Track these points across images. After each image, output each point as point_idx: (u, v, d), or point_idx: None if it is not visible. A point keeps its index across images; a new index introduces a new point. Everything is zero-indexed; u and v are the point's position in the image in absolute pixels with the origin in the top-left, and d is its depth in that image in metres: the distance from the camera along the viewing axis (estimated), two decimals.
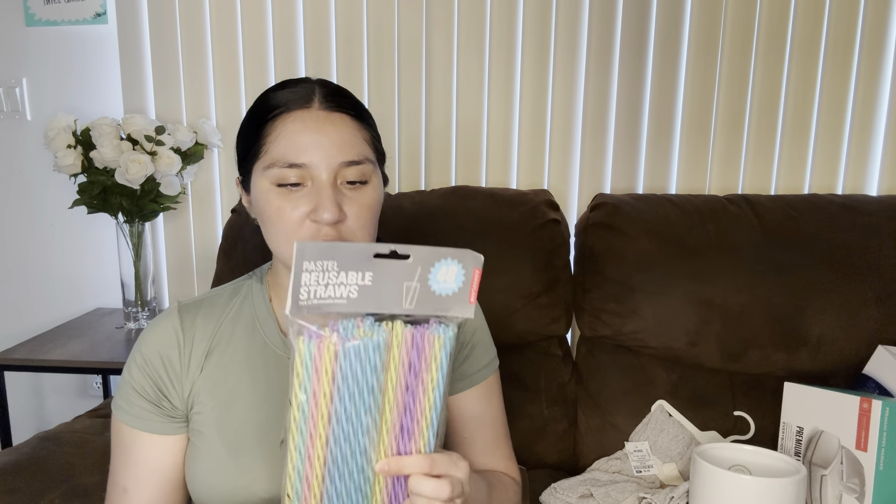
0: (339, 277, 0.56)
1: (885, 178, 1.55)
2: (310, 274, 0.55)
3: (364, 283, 0.57)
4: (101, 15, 1.72)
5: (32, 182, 1.83)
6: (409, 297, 0.59)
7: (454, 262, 0.59)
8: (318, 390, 0.57)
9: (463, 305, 0.60)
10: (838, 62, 1.52)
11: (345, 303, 0.57)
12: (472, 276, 0.60)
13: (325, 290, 0.56)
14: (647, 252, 1.30)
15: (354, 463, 0.60)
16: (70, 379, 1.91)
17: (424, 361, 0.60)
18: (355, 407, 0.58)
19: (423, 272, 0.58)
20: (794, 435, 1.11)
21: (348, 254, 0.56)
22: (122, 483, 0.80)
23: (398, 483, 0.62)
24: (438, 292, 0.59)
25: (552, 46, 1.59)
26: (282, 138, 0.73)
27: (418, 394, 0.60)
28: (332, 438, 0.59)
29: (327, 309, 0.57)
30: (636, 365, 1.32)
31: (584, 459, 1.30)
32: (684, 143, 1.59)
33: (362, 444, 0.60)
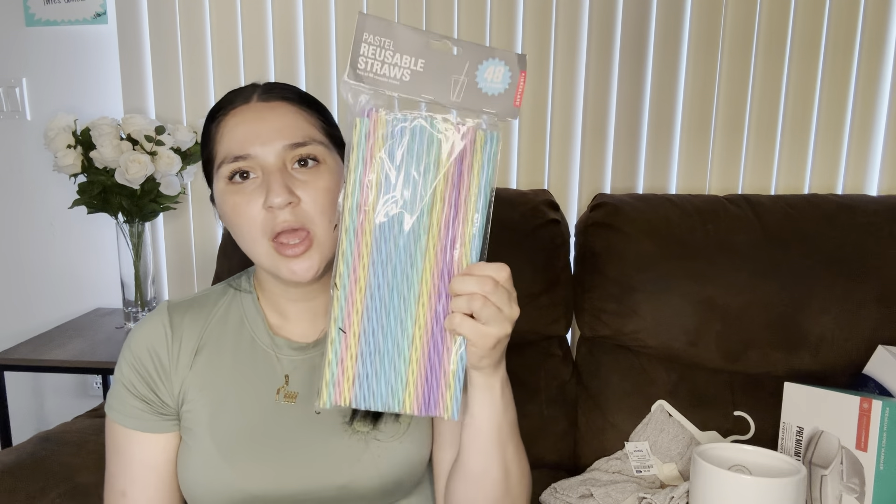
0: (395, 58, 0.60)
1: (885, 178, 1.55)
2: (368, 46, 0.59)
3: (416, 69, 0.60)
4: (101, 15, 1.72)
5: (32, 182, 1.83)
6: (456, 90, 0.61)
7: (501, 63, 0.61)
8: (370, 165, 0.60)
9: (508, 107, 0.62)
10: (838, 62, 1.52)
11: (398, 84, 0.60)
12: (518, 79, 0.61)
13: (381, 67, 0.59)
14: (647, 252, 1.30)
15: (398, 260, 0.62)
16: (70, 379, 1.91)
17: (466, 163, 0.61)
18: (405, 187, 0.61)
19: (471, 68, 0.61)
20: (794, 435, 1.11)
21: (404, 36, 0.60)
22: (119, 486, 0.80)
23: (439, 300, 0.63)
24: (485, 90, 0.61)
25: (552, 46, 1.59)
26: (226, 135, 0.74)
27: (463, 198, 0.62)
28: (379, 227, 0.61)
29: (381, 87, 0.60)
30: (636, 365, 1.32)
31: (584, 459, 1.30)
32: (684, 143, 1.59)
33: (407, 241, 0.61)
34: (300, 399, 0.79)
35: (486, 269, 0.61)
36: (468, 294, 0.60)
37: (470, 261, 0.62)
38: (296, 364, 0.80)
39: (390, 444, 0.78)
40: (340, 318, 0.61)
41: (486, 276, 0.60)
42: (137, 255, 1.66)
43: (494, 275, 0.61)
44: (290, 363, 0.80)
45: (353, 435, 0.77)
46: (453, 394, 0.62)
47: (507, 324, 0.62)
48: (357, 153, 0.60)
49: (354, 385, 0.62)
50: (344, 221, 0.61)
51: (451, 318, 0.61)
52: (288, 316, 0.81)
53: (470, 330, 0.60)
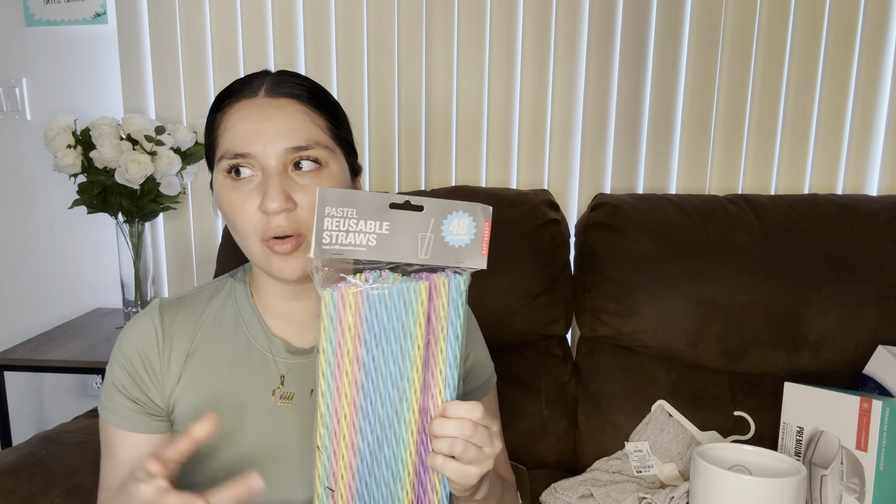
0: (359, 225, 0.59)
1: (885, 178, 1.55)
2: (332, 219, 0.59)
3: (382, 232, 0.60)
4: (101, 15, 1.72)
5: (32, 182, 1.83)
6: (424, 248, 0.61)
7: (465, 215, 0.62)
8: (343, 342, 0.60)
9: (475, 257, 0.63)
10: (838, 62, 1.52)
11: (364, 250, 0.60)
12: (483, 228, 0.63)
13: (346, 236, 0.59)
14: (647, 252, 1.30)
15: (385, 414, 0.62)
16: (70, 379, 1.91)
17: (434, 311, 0.62)
18: (383, 355, 0.61)
19: (437, 223, 0.61)
20: (795, 435, 1.11)
21: (366, 203, 0.60)
22: (109, 483, 0.79)
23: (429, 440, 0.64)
24: (452, 243, 0.62)
25: (552, 46, 1.59)
26: (228, 129, 0.72)
27: (433, 346, 0.62)
28: (361, 389, 0.61)
29: (348, 255, 0.60)
30: (636, 365, 1.32)
31: (584, 459, 1.30)
32: (684, 143, 1.59)
33: (392, 396, 0.61)
34: (297, 400, 0.78)
35: (460, 411, 0.61)
36: (449, 437, 0.60)
37: (444, 399, 0.63)
38: (291, 366, 0.79)
39: None
40: (325, 478, 0.61)
41: (463, 420, 0.60)
42: (137, 255, 1.66)
43: (470, 416, 0.61)
44: (285, 365, 0.79)
45: None
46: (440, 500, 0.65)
47: (489, 461, 0.62)
48: (328, 326, 0.59)
49: None
50: (319, 385, 0.60)
51: (433, 458, 0.61)
52: (282, 316, 0.80)
53: (453, 471, 0.61)
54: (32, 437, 1.17)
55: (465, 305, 0.63)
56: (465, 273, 0.63)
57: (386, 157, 1.67)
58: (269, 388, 0.78)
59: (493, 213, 0.63)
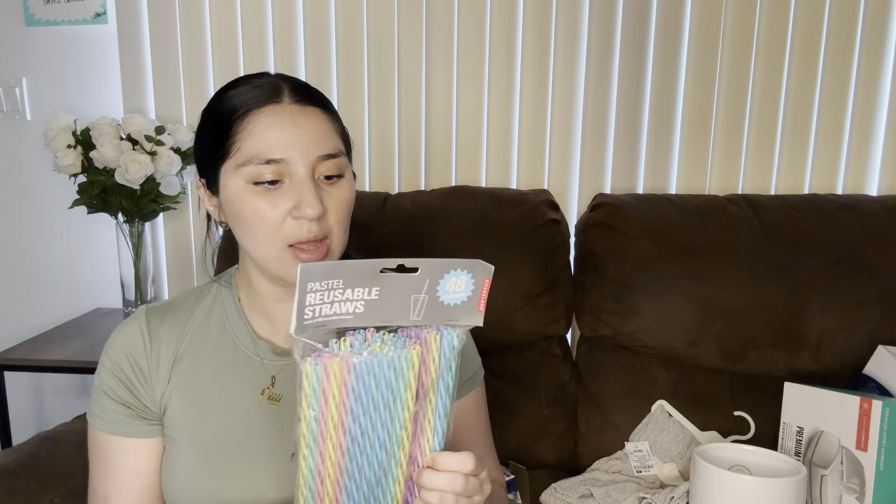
0: (346, 294, 0.55)
1: (885, 177, 1.55)
2: (315, 294, 0.54)
3: (371, 298, 0.56)
4: (101, 15, 1.72)
5: (32, 182, 1.83)
6: (416, 309, 0.58)
7: (464, 273, 0.58)
8: (327, 411, 0.56)
9: (471, 314, 0.60)
10: (838, 62, 1.52)
11: (351, 318, 0.56)
12: (482, 285, 0.59)
13: (331, 307, 0.55)
14: (647, 252, 1.30)
15: (372, 474, 0.59)
16: (70, 379, 1.91)
17: (425, 367, 0.58)
18: (371, 422, 0.58)
19: (432, 284, 0.57)
20: (795, 435, 1.11)
21: (354, 271, 0.55)
22: (102, 491, 0.79)
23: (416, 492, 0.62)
24: (447, 302, 0.58)
25: (552, 46, 1.59)
26: (255, 134, 0.71)
27: (422, 399, 0.59)
28: (347, 453, 0.58)
29: (333, 325, 0.56)
30: (636, 365, 1.32)
31: (584, 459, 1.30)
32: (684, 143, 1.59)
33: (379, 457, 0.59)
34: (284, 402, 0.78)
35: (451, 463, 0.59)
36: (440, 491, 0.59)
37: (433, 448, 0.60)
38: (279, 367, 0.79)
39: None
40: None
41: (454, 473, 0.59)
42: (137, 255, 1.66)
43: (462, 469, 0.59)
44: (274, 366, 0.79)
45: None
46: None
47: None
48: (311, 397, 0.55)
49: None
50: (301, 451, 0.56)
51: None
52: (271, 318, 0.80)
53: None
54: (32, 437, 1.17)
55: (458, 360, 0.59)
56: (457, 329, 0.59)
57: (386, 157, 1.67)
58: (256, 390, 0.78)
59: (493, 218, 0.61)
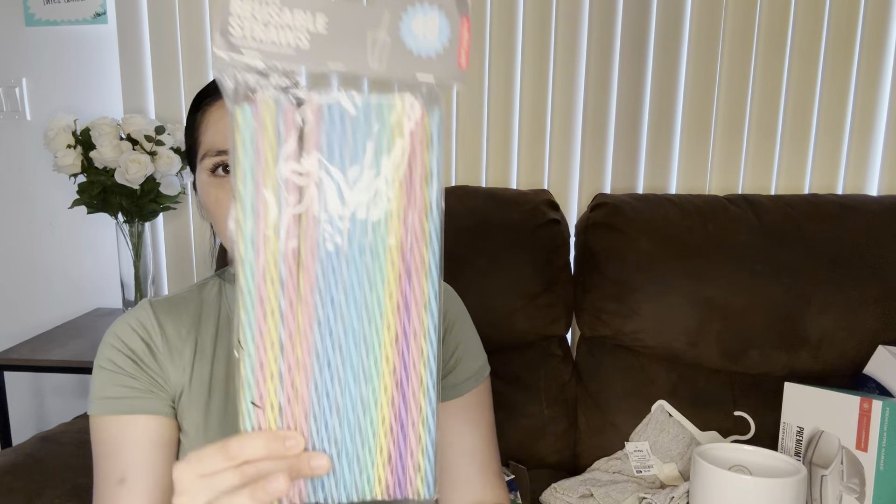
0: (283, 16, 0.43)
1: (885, 178, 1.55)
2: (242, 2, 0.42)
3: (317, 31, 0.43)
4: (101, 15, 1.72)
5: (32, 182, 1.83)
6: (376, 54, 0.44)
7: (433, 10, 0.45)
8: (266, 171, 0.42)
9: (452, 69, 0.45)
10: (839, 62, 1.52)
11: (293, 53, 0.43)
12: (461, 28, 0.46)
13: (266, 31, 0.42)
14: (647, 252, 1.30)
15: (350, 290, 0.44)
16: (70, 379, 1.91)
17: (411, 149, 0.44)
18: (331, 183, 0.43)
19: (393, 20, 0.44)
20: (795, 435, 1.11)
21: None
22: (116, 475, 0.71)
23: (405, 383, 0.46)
24: (417, 51, 0.45)
25: (552, 46, 1.59)
26: (210, 126, 0.72)
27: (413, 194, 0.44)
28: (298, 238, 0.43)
29: (270, 58, 0.43)
30: (636, 365, 1.32)
31: (584, 459, 1.30)
32: (684, 143, 1.59)
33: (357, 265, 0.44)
34: None
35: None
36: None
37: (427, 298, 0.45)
38: None
39: None
40: (250, 393, 0.44)
41: None
42: (137, 255, 1.66)
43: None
44: None
45: None
46: (423, 475, 0.46)
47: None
48: (244, 159, 0.42)
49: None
50: (239, 253, 0.43)
51: None
52: None
53: None
54: (32, 437, 1.17)
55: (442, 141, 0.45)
56: (438, 100, 0.45)
57: None
58: None
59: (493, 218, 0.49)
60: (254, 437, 0.43)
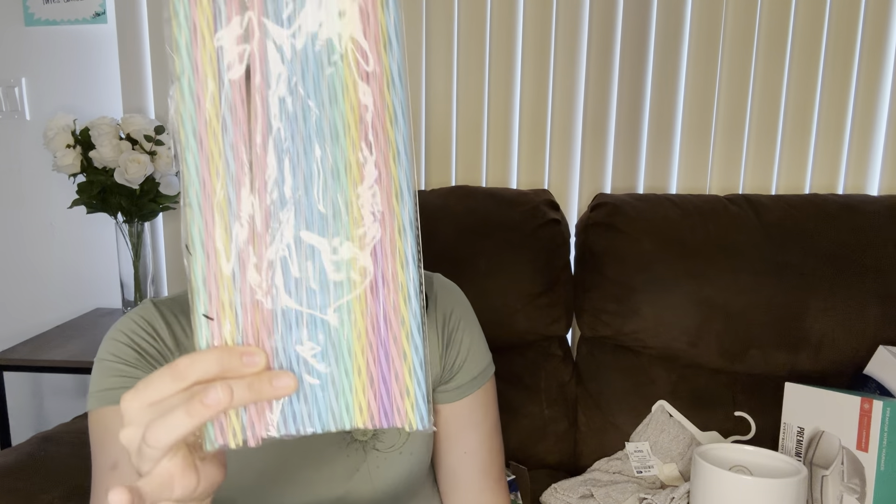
0: None
1: (885, 177, 1.55)
2: None
3: None
4: (101, 14, 1.72)
5: (31, 182, 1.82)
6: None
7: None
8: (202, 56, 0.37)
9: None
10: (839, 62, 1.52)
11: None
12: None
13: None
14: (648, 252, 1.30)
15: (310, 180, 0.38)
16: (69, 379, 1.91)
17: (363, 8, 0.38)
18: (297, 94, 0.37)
19: None
20: (795, 435, 1.11)
21: None
22: (109, 461, 0.68)
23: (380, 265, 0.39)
24: None
25: (552, 46, 1.59)
26: None
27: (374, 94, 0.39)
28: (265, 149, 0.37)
29: None
30: (636, 365, 1.32)
31: (584, 460, 1.30)
32: (685, 143, 1.59)
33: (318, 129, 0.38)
34: None
35: None
36: None
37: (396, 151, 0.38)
38: None
39: (390, 455, 0.75)
40: (201, 303, 0.38)
41: None
42: (137, 255, 1.65)
43: None
44: None
45: (352, 444, 0.74)
46: (413, 401, 0.39)
47: None
48: (179, 35, 0.37)
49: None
50: (180, 142, 0.37)
51: None
52: None
53: None
54: (32, 438, 1.17)
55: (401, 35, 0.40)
56: None
57: None
58: None
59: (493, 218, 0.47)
60: (205, 354, 0.37)
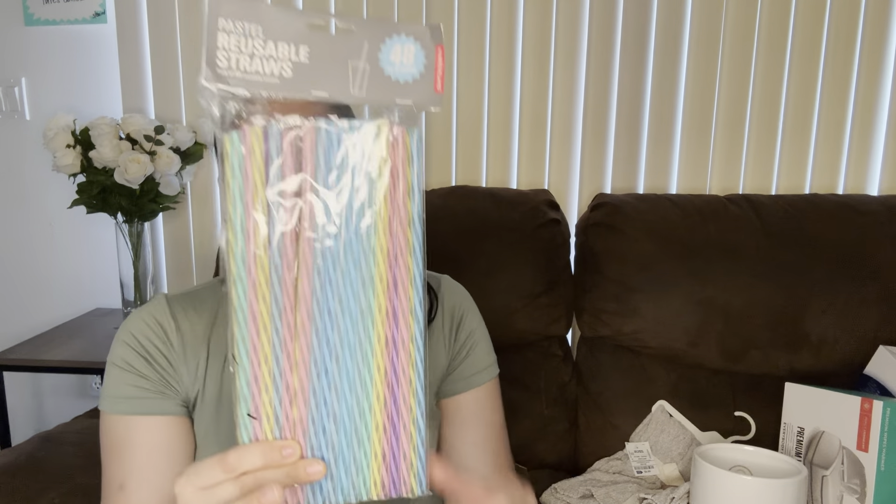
0: (267, 48, 0.45)
1: (885, 177, 1.55)
2: (228, 35, 0.44)
3: (299, 60, 0.46)
4: (101, 14, 1.72)
5: (31, 182, 1.82)
6: (357, 81, 0.47)
7: (410, 40, 0.48)
8: (255, 193, 0.44)
9: (427, 93, 0.49)
10: (839, 61, 1.52)
11: (277, 82, 0.45)
12: (435, 57, 0.49)
13: (251, 62, 0.45)
14: (648, 252, 1.30)
15: (338, 305, 0.46)
16: (69, 379, 1.91)
17: (394, 167, 0.46)
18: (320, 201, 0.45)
19: (372, 50, 0.47)
20: (795, 435, 1.11)
21: (276, 18, 0.45)
22: (117, 480, 0.72)
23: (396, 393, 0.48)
24: (395, 77, 0.48)
25: (552, 46, 1.59)
26: None
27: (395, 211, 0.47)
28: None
29: (255, 88, 0.45)
30: (636, 365, 1.32)
31: (584, 460, 1.30)
32: (685, 143, 1.59)
33: (354, 287, 0.46)
34: None
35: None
36: None
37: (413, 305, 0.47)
38: None
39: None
40: (245, 405, 0.45)
41: None
42: (137, 255, 1.65)
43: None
44: None
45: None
46: (416, 472, 0.48)
47: None
48: (233, 182, 0.44)
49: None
50: (230, 272, 0.44)
51: None
52: None
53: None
54: (32, 438, 1.17)
55: (420, 173, 0.48)
56: (415, 120, 0.48)
57: None
58: None
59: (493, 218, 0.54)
60: (251, 449, 0.44)
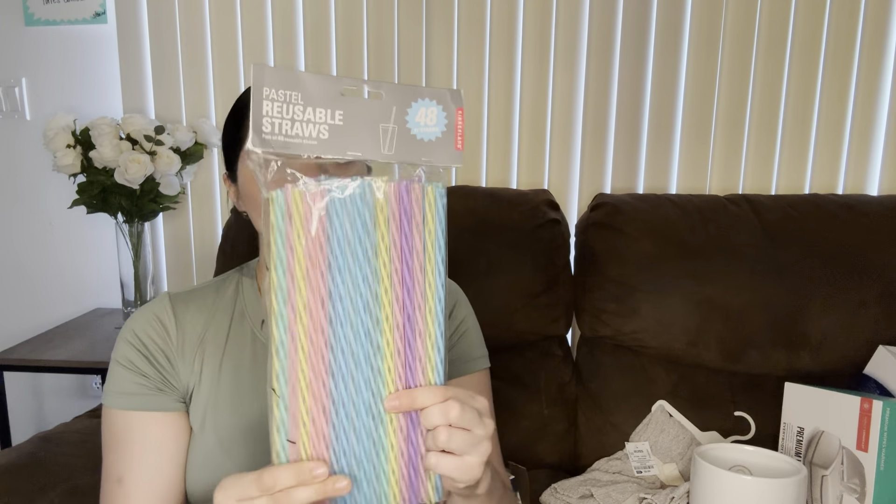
0: (307, 114, 0.51)
1: (885, 177, 1.55)
2: (272, 103, 0.50)
3: (335, 123, 0.51)
4: (101, 14, 1.72)
5: (32, 182, 1.82)
6: (387, 141, 0.53)
7: (433, 104, 0.54)
8: (294, 252, 0.50)
9: (449, 152, 0.54)
10: (839, 62, 1.52)
11: (315, 144, 0.51)
12: (455, 118, 0.55)
13: (292, 126, 0.50)
14: (648, 252, 1.30)
15: (359, 348, 0.53)
16: (69, 379, 1.91)
17: (416, 220, 0.53)
18: (350, 273, 0.52)
19: (400, 113, 0.53)
20: (795, 435, 1.11)
21: (314, 86, 0.51)
22: (116, 473, 0.76)
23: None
24: (420, 136, 0.54)
25: (552, 46, 1.59)
26: None
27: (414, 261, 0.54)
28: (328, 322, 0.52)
29: (296, 149, 0.50)
30: (636, 365, 1.32)
31: (584, 460, 1.30)
32: (685, 143, 1.59)
33: (365, 325, 0.53)
34: None
35: (433, 396, 0.54)
36: (433, 428, 0.54)
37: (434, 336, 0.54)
38: None
39: None
40: (284, 431, 0.52)
41: (449, 401, 0.53)
42: (137, 255, 1.66)
43: (452, 396, 0.54)
44: None
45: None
46: (433, 483, 0.55)
47: (484, 444, 0.55)
48: (276, 239, 0.50)
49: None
50: (271, 324, 0.51)
51: (427, 458, 0.54)
52: None
53: (449, 467, 0.53)
54: (32, 437, 1.17)
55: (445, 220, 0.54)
56: (440, 176, 0.55)
57: None
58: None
59: (493, 218, 0.59)
60: (286, 470, 0.50)
